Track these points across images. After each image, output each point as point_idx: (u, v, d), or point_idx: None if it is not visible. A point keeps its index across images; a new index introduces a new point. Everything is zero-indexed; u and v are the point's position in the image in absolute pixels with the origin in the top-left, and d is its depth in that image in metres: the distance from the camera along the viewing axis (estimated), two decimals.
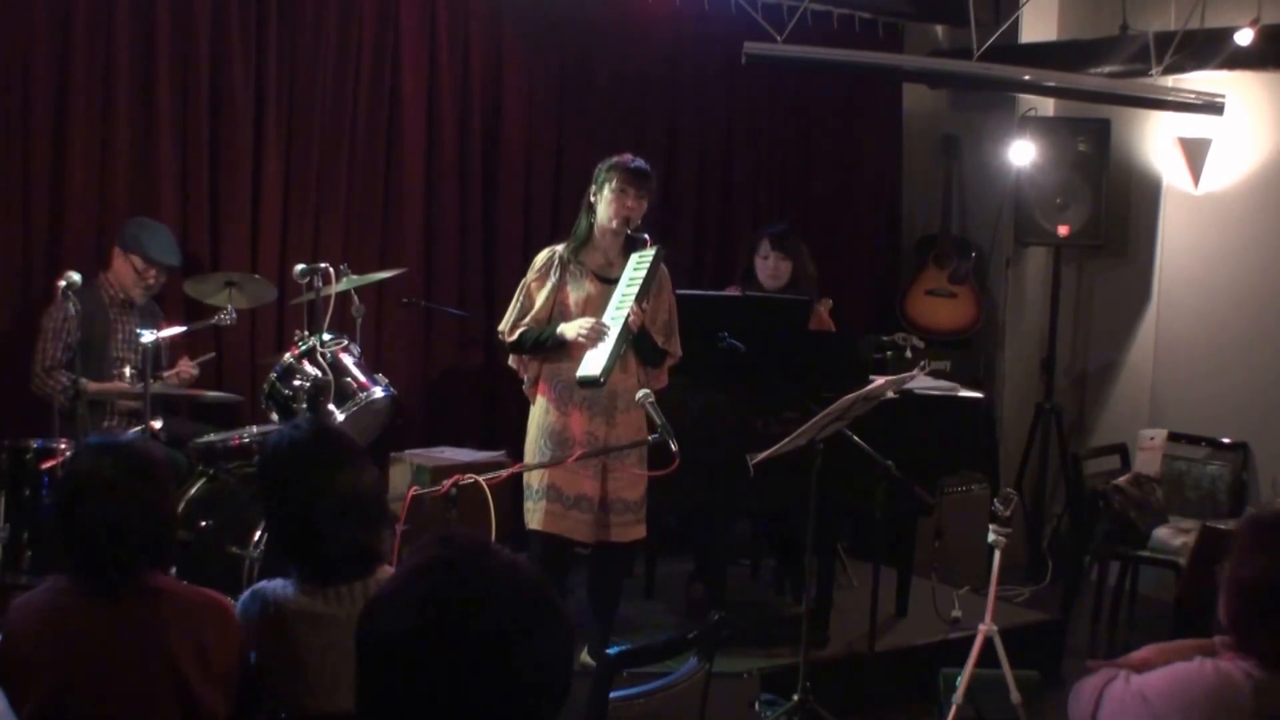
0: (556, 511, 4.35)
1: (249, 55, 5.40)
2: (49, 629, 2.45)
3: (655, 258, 4.33)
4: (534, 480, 4.39)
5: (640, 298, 4.26)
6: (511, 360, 4.54)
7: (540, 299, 4.41)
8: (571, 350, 4.34)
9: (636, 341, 4.37)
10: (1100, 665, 2.47)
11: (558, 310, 4.42)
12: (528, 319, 4.41)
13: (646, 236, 4.40)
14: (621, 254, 4.46)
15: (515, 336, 4.43)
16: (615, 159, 4.44)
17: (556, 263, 4.43)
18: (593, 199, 4.44)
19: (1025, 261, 6.98)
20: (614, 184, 4.37)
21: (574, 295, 4.40)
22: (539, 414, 4.45)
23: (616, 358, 4.21)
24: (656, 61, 6.44)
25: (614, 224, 4.37)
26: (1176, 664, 2.31)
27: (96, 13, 5.07)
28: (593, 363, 4.22)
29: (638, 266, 4.35)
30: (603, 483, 4.38)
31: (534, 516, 4.38)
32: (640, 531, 4.49)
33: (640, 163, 4.44)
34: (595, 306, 4.38)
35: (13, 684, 2.41)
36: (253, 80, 5.43)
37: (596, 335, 4.25)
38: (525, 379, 4.52)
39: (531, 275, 4.47)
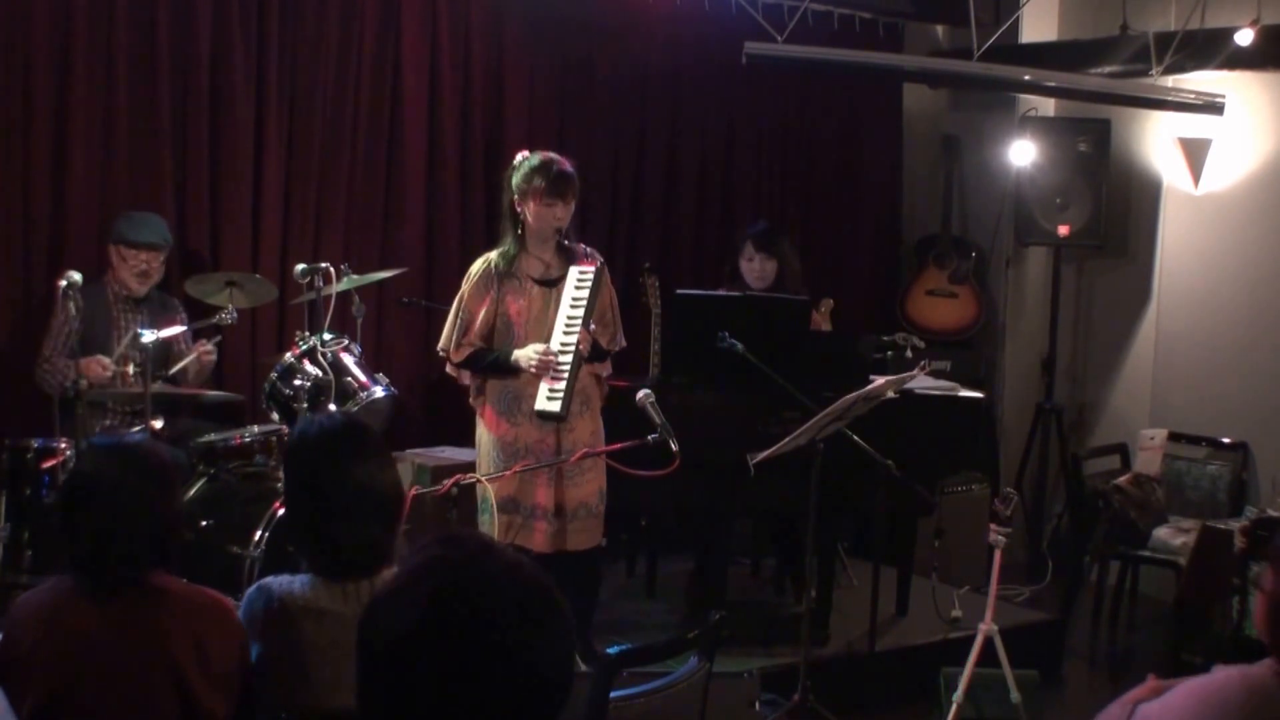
0: (514, 524, 4.30)
1: (249, 55, 5.40)
2: (49, 628, 2.45)
3: (596, 278, 4.31)
4: (491, 494, 4.28)
5: (586, 322, 4.26)
6: (449, 370, 4.48)
7: (481, 315, 4.34)
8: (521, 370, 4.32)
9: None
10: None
11: (501, 322, 4.37)
12: (471, 336, 4.35)
13: (584, 247, 4.39)
14: (557, 254, 4.41)
15: (462, 358, 4.37)
16: (534, 165, 4.31)
17: (494, 275, 4.35)
18: (518, 209, 4.34)
19: (1025, 261, 6.98)
20: (542, 198, 4.28)
21: (516, 305, 4.35)
22: (490, 427, 4.40)
23: (573, 388, 4.21)
24: (657, 61, 6.44)
25: (548, 235, 4.34)
26: (1197, 677, 2.26)
27: (96, 12, 5.07)
28: (550, 396, 4.21)
29: (579, 286, 4.32)
30: (558, 490, 4.33)
31: (492, 529, 4.27)
32: (598, 537, 4.43)
33: (561, 166, 4.32)
34: (539, 312, 4.35)
35: (13, 683, 2.42)
36: (253, 80, 5.43)
37: (547, 368, 4.23)
38: (470, 389, 4.47)
39: (468, 288, 4.38)
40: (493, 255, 4.41)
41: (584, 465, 4.31)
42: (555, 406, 4.20)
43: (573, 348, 4.24)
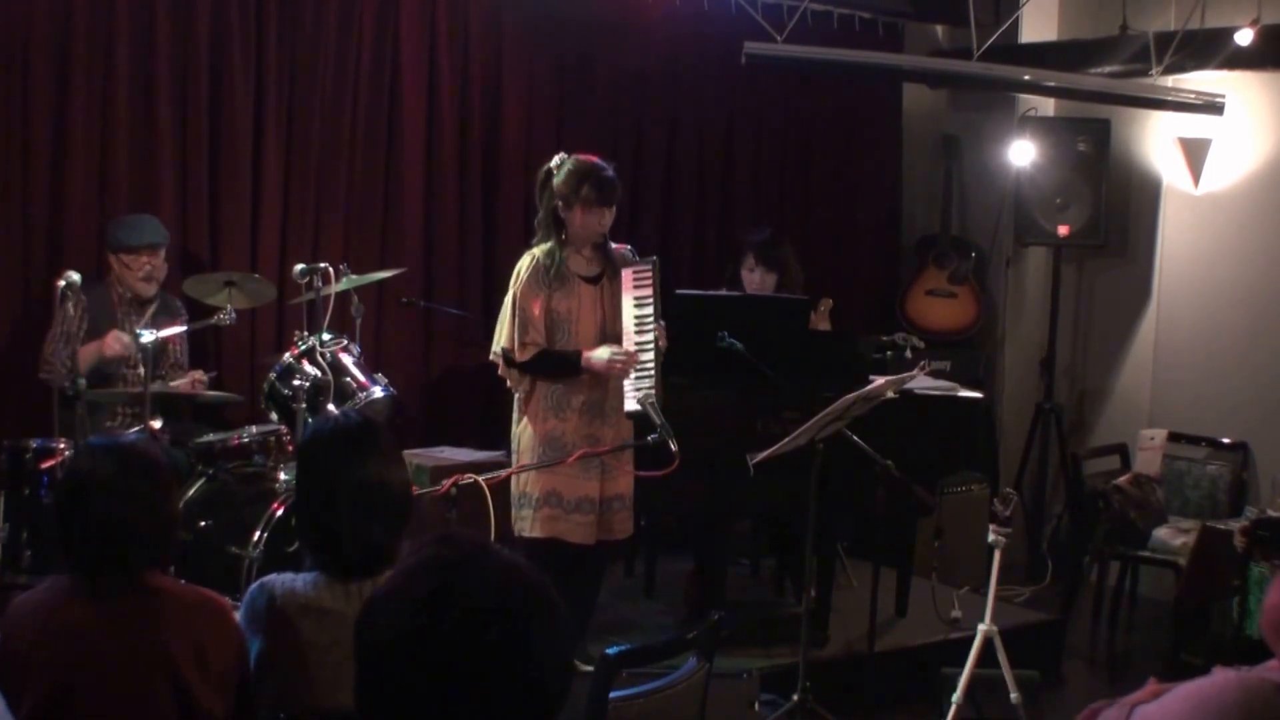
0: (556, 516, 4.33)
1: (249, 55, 5.40)
2: (47, 628, 2.44)
3: (655, 271, 4.34)
4: (532, 488, 4.34)
5: (657, 317, 4.30)
6: (503, 372, 4.45)
7: (538, 312, 4.33)
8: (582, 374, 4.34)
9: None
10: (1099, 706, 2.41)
11: (552, 320, 4.36)
12: (533, 334, 4.32)
13: (629, 248, 4.43)
14: (594, 250, 4.43)
15: (528, 358, 4.33)
16: (579, 171, 4.32)
17: (542, 273, 4.34)
18: (561, 214, 4.34)
19: (1025, 261, 6.97)
20: (591, 207, 4.30)
21: (566, 303, 4.36)
22: (536, 422, 4.39)
23: (660, 383, 4.23)
24: (656, 61, 6.44)
25: (594, 239, 4.37)
26: (1194, 681, 2.25)
27: (96, 13, 5.07)
28: (640, 394, 4.23)
29: (638, 284, 4.34)
30: (603, 483, 4.39)
31: (530, 524, 4.34)
32: (632, 525, 4.52)
33: (606, 172, 4.34)
34: (588, 310, 4.38)
35: (10, 683, 2.41)
36: (253, 80, 5.43)
37: (631, 366, 4.26)
38: (519, 390, 4.45)
39: (520, 287, 4.34)
40: (536, 253, 4.39)
41: (622, 458, 4.40)
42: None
43: (651, 345, 4.28)
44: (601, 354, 4.28)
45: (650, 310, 4.31)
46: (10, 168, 5.00)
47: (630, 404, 4.26)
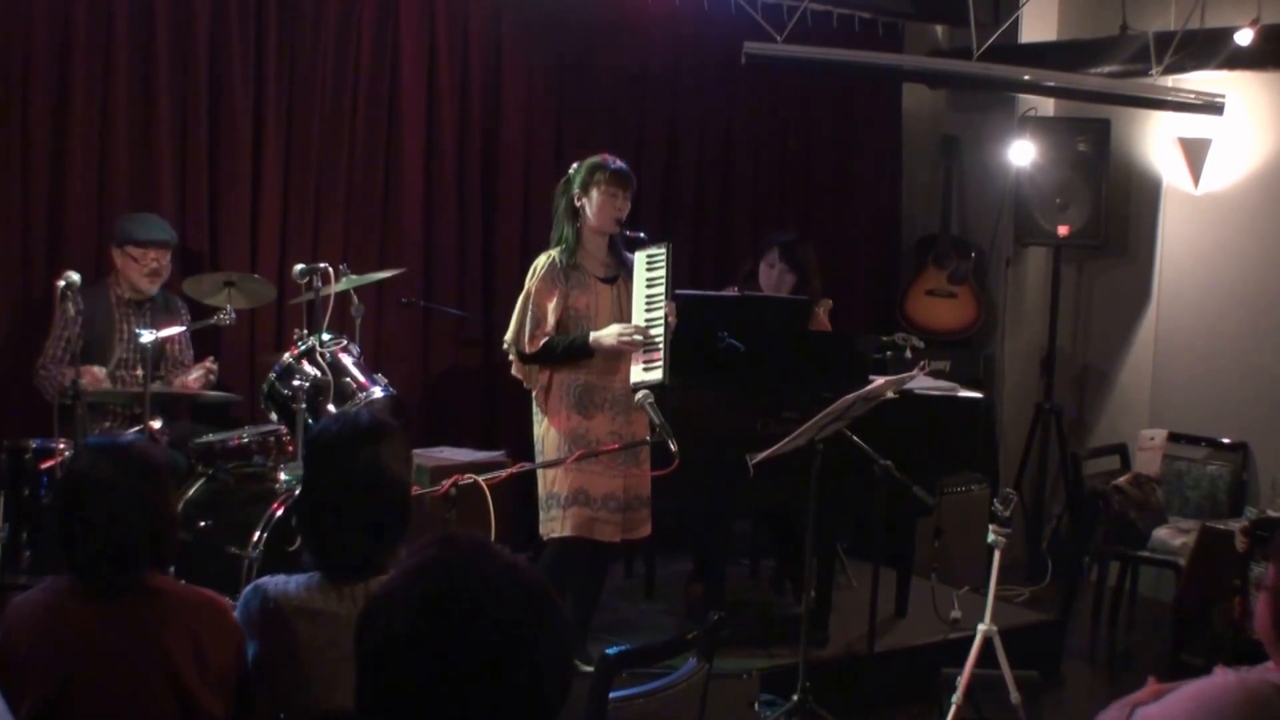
0: (587, 515, 4.34)
1: (249, 55, 5.40)
2: (47, 628, 2.44)
3: (668, 253, 4.37)
4: (559, 488, 4.35)
5: (668, 294, 4.32)
6: (516, 370, 4.48)
7: (551, 307, 4.36)
8: (594, 356, 4.35)
9: None
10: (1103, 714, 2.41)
11: (568, 317, 4.39)
12: (545, 328, 4.35)
13: (643, 234, 4.45)
14: (609, 253, 4.47)
15: (539, 348, 4.36)
16: (594, 162, 4.42)
17: (559, 269, 4.39)
18: (577, 204, 4.41)
19: (1025, 261, 6.97)
20: (604, 188, 4.36)
21: (584, 299, 4.39)
22: (558, 419, 4.41)
23: (669, 356, 4.23)
24: (656, 61, 6.44)
25: (610, 226, 4.39)
26: (1196, 681, 2.25)
27: (96, 12, 5.07)
28: (648, 367, 4.24)
29: (651, 266, 4.37)
30: (624, 480, 4.41)
31: (560, 523, 4.35)
32: (650, 525, 4.53)
33: (620, 162, 4.44)
34: (605, 308, 4.41)
35: (10, 683, 2.41)
36: (252, 80, 5.43)
37: (642, 341, 4.27)
38: (534, 387, 4.47)
39: (536, 283, 4.39)
40: (554, 251, 4.44)
41: (640, 458, 4.41)
42: (657, 375, 4.21)
43: (661, 321, 4.29)
44: (610, 331, 4.32)
45: (661, 290, 4.33)
46: (10, 168, 5.00)
47: (637, 376, 4.25)
